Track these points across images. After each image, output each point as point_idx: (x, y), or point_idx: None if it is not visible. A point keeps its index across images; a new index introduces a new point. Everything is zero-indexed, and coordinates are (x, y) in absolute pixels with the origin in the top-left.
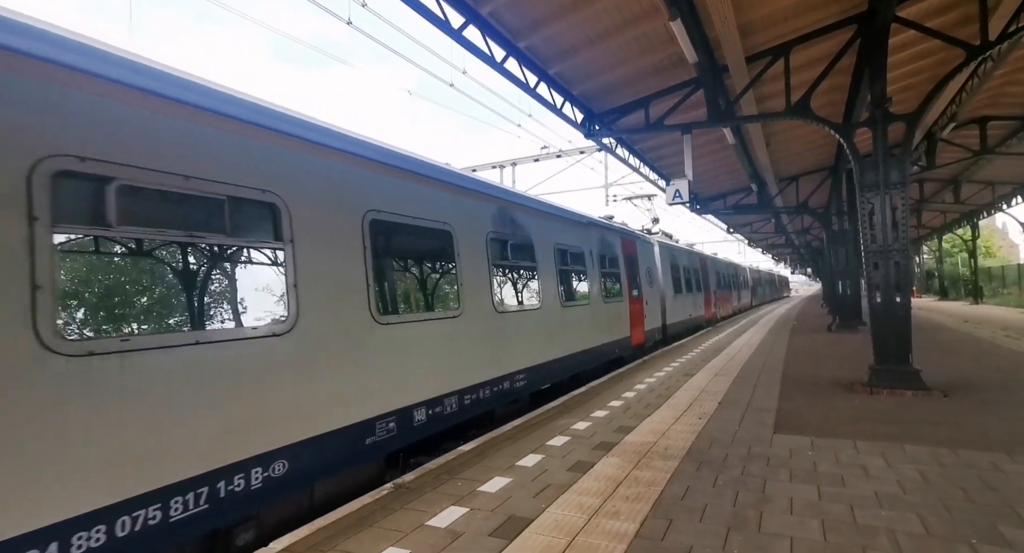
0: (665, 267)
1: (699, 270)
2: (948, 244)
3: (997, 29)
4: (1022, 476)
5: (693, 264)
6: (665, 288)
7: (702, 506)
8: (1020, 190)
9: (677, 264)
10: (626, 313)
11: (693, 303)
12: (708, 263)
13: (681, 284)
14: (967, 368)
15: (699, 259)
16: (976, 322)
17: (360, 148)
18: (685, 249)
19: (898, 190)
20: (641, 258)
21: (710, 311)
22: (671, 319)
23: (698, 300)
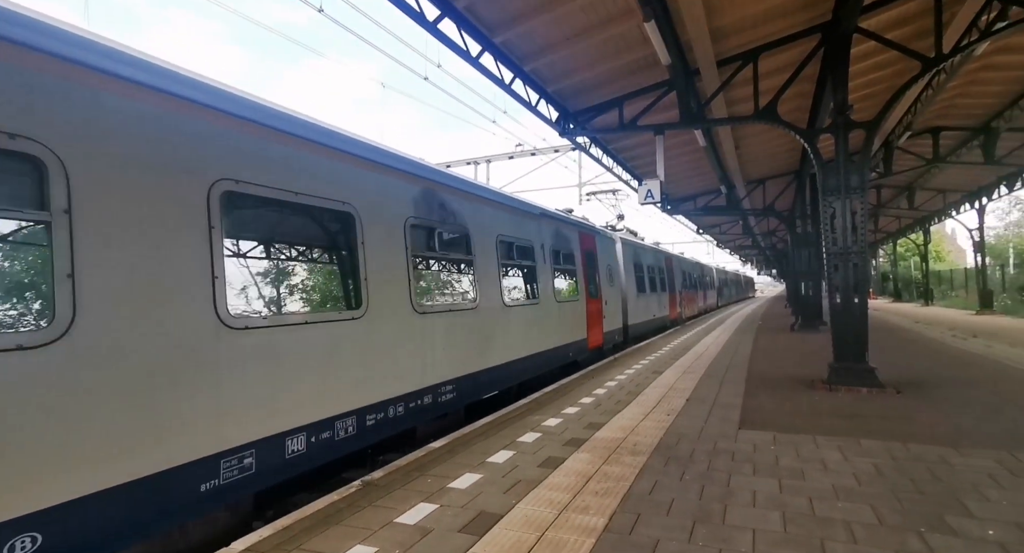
0: (628, 265)
1: (664, 269)
2: (902, 248)
3: (951, 43)
4: (967, 468)
5: (658, 263)
6: (627, 287)
7: (669, 500)
8: (968, 198)
9: (641, 262)
10: (583, 313)
11: (658, 303)
12: (674, 262)
13: (645, 283)
14: (918, 366)
15: (664, 258)
16: (927, 323)
17: (204, 93)
18: (650, 247)
19: (858, 195)
20: (601, 255)
21: (675, 311)
22: (633, 320)
23: (663, 300)
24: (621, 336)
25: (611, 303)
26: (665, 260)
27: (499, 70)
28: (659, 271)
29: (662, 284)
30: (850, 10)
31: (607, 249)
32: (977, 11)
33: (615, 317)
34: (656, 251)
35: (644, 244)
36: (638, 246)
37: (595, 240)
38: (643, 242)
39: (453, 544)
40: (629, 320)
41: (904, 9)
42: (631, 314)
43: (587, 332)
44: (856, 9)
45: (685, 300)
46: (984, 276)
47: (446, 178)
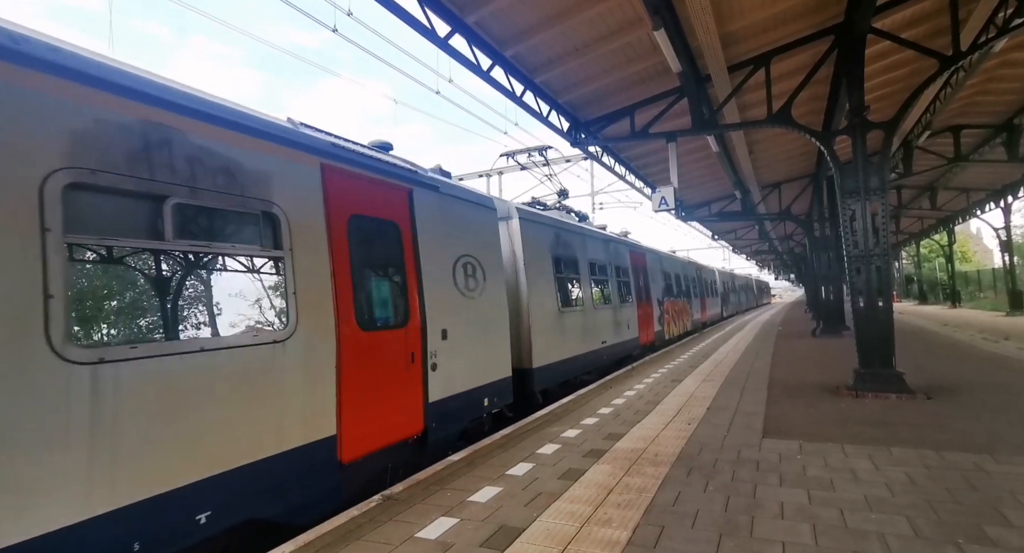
0: (536, 259)
1: (631, 269)
2: (926, 249)
3: (968, 40)
4: (1004, 476)
5: (616, 259)
6: (534, 296)
7: (694, 512)
8: (993, 196)
9: (575, 256)
10: (329, 370)
11: (612, 322)
12: (649, 261)
13: (580, 291)
14: (948, 371)
15: (630, 253)
16: (955, 326)
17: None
18: (598, 235)
19: (878, 196)
20: (450, 241)
21: (649, 331)
22: (548, 354)
23: (624, 316)
24: (499, 397)
25: (469, 334)
26: (632, 257)
27: (510, 83)
28: (617, 271)
29: (626, 292)
30: (863, 11)
31: (481, 232)
32: (994, 7)
33: (484, 362)
34: (613, 242)
35: (584, 229)
36: (565, 231)
37: (435, 205)
38: (587, 226)
39: None
40: (535, 357)
41: (919, 8)
42: (544, 344)
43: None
44: (869, 10)
45: (669, 313)
46: (1013, 276)
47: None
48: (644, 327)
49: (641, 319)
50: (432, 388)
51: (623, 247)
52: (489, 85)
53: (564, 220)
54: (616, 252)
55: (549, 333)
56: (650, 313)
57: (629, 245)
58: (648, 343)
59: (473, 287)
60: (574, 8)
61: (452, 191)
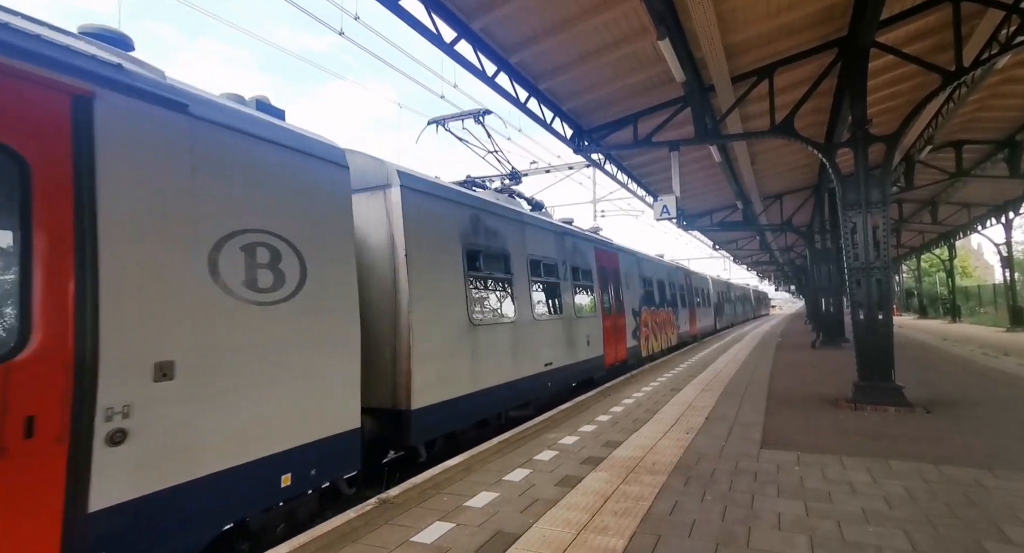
0: (432, 251)
1: (601, 273)
2: (926, 263)
3: (971, 56)
4: (1004, 492)
5: (576, 259)
6: (427, 305)
7: (690, 521)
8: (994, 212)
9: (504, 250)
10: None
11: (564, 339)
12: (626, 264)
13: (512, 297)
14: (948, 385)
15: (600, 254)
16: (955, 340)
17: None
18: (549, 226)
19: (879, 209)
20: (209, 202)
21: (620, 348)
22: (444, 389)
23: (586, 331)
24: (327, 465)
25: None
26: (600, 257)
27: (514, 89)
28: (576, 274)
29: (586, 298)
30: (867, 25)
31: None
32: (997, 24)
33: (248, 415)
34: (571, 237)
35: (524, 215)
36: (489, 215)
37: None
38: (532, 214)
39: None
40: (416, 393)
41: (922, 23)
42: (437, 373)
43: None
44: (873, 24)
45: (649, 326)
46: (1014, 292)
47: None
48: (612, 343)
49: (608, 333)
50: (104, 483)
51: (586, 244)
52: (494, 91)
53: (491, 200)
54: (575, 250)
55: (448, 356)
56: (622, 326)
57: (595, 242)
58: (618, 361)
59: (270, 285)
60: (580, 16)
61: (231, 120)
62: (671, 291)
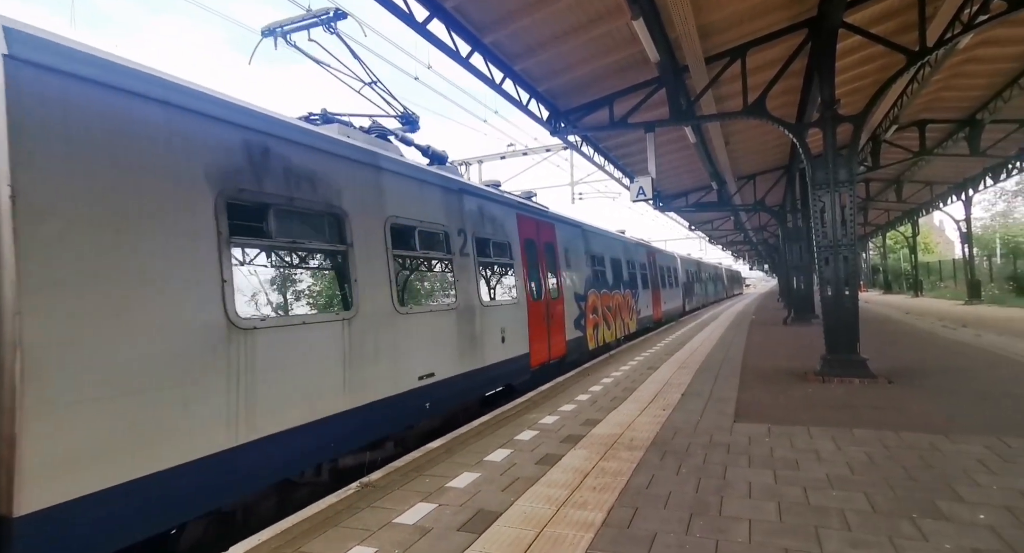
0: (128, 201)
1: (530, 247)
2: (891, 240)
3: (934, 36)
4: (958, 455)
5: (483, 228)
6: (95, 305)
7: (666, 493)
8: (955, 190)
9: (333, 208)
10: None
11: (457, 336)
12: (565, 237)
13: (347, 281)
14: (909, 356)
15: (525, 223)
16: (917, 314)
17: None
18: (432, 179)
19: (846, 188)
20: None
21: (556, 341)
22: (111, 469)
23: (501, 323)
24: None
25: None
26: (525, 227)
27: (489, 70)
28: (482, 248)
29: (500, 280)
30: (835, 5)
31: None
32: (959, 5)
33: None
34: (472, 196)
35: (380, 157)
36: (290, 145)
37: None
38: (405, 161)
39: (453, 542)
40: (24, 488)
41: (888, 4)
42: (120, 429)
43: None
44: (841, 4)
45: (599, 311)
46: (972, 267)
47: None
48: (543, 336)
49: (537, 324)
50: None
51: (503, 210)
52: (468, 72)
53: (292, 124)
54: (482, 216)
55: (153, 392)
56: (559, 314)
57: (518, 208)
58: (554, 358)
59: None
60: None
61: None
62: (630, 270)
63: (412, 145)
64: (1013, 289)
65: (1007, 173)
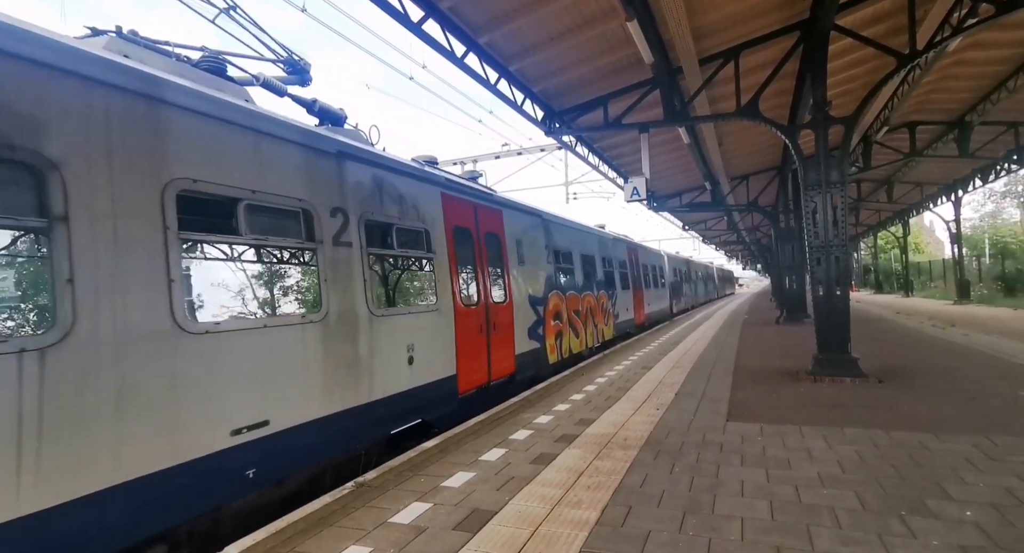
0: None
1: (460, 238)
2: (882, 241)
3: (924, 39)
4: (946, 453)
5: (362, 203)
6: None
7: (659, 492)
8: (944, 191)
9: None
10: None
11: (321, 370)
12: (516, 227)
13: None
14: (899, 356)
15: (452, 206)
16: (907, 313)
17: None
18: (251, 124)
19: (838, 189)
20: None
21: (503, 358)
22: None
23: (389, 343)
24: None
25: None
26: (454, 211)
27: (484, 70)
28: (356, 233)
29: (409, 283)
30: (827, 8)
31: None
32: (949, 8)
33: None
34: (335, 152)
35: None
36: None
37: None
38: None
39: (447, 542)
40: None
41: (879, 7)
42: None
43: None
44: (833, 7)
45: (564, 317)
46: (961, 267)
47: None
48: (477, 352)
49: (469, 336)
50: None
51: (422, 188)
52: (464, 72)
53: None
54: (379, 192)
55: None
56: (506, 321)
57: (442, 185)
58: (496, 379)
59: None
60: None
61: None
62: (606, 269)
63: (285, 95)
64: (1001, 289)
65: (996, 174)
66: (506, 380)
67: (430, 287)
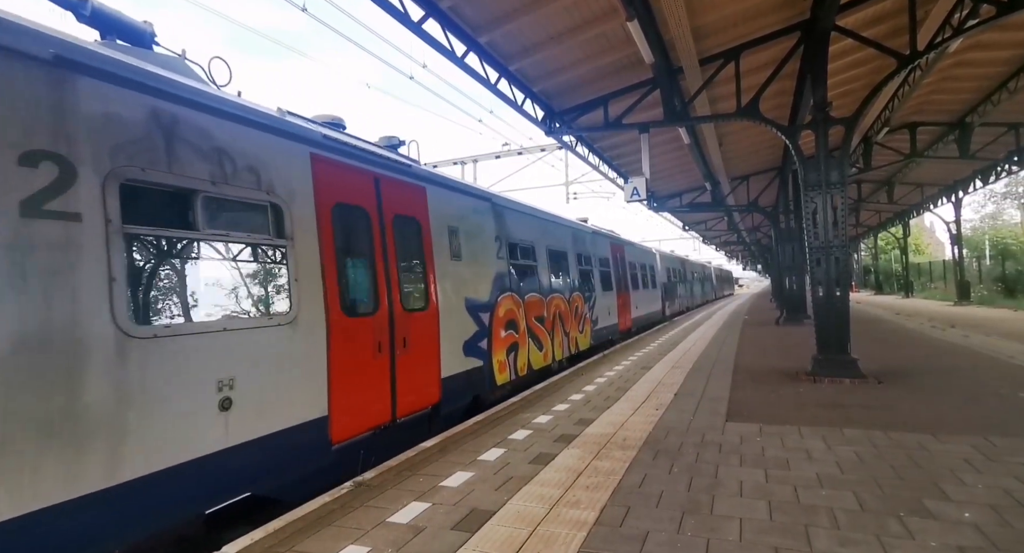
0: None
1: (337, 216)
2: (883, 241)
3: (925, 40)
4: (945, 454)
5: (102, 149)
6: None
7: (658, 492)
8: (945, 192)
9: None
10: None
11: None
12: (449, 208)
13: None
14: (899, 357)
15: (321, 169)
16: (907, 314)
17: None
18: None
19: (838, 190)
20: None
21: (419, 387)
22: None
23: (142, 393)
24: None
25: None
26: (321, 176)
27: (484, 70)
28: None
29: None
30: (827, 8)
31: None
32: (950, 9)
33: None
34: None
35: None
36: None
37: None
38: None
39: (446, 541)
40: None
41: (880, 7)
42: None
43: None
44: (833, 7)
45: (520, 326)
46: (961, 268)
47: None
48: (377, 379)
49: (359, 360)
50: None
51: (255, 138)
52: (464, 72)
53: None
54: (166, 138)
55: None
56: (427, 334)
57: (311, 143)
58: (408, 414)
59: None
60: None
61: None
62: (583, 267)
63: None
64: (1001, 290)
65: (996, 176)
66: (426, 413)
67: (279, 290)
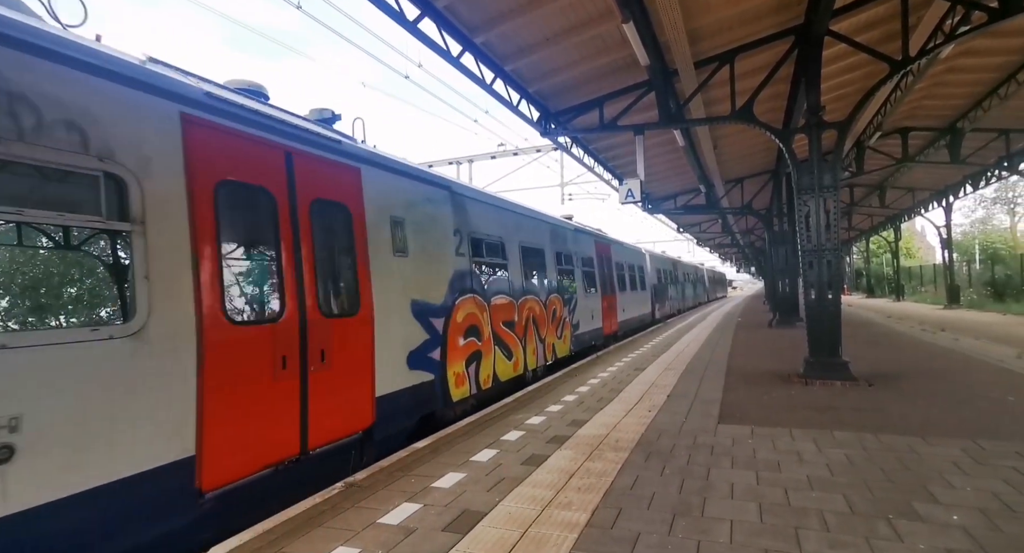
0: None
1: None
2: (875, 245)
3: (917, 46)
4: (934, 457)
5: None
6: None
7: (650, 494)
8: (936, 196)
9: None
10: None
11: None
12: (378, 188)
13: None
14: (889, 359)
15: (194, 130)
16: (898, 317)
17: None
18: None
19: (831, 193)
20: None
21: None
22: None
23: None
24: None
25: None
26: (196, 135)
27: (480, 70)
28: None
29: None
30: (821, 13)
31: None
32: (942, 15)
33: None
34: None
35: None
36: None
37: None
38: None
39: (437, 543)
40: None
41: (873, 13)
42: None
43: None
44: (827, 12)
45: (475, 333)
46: (952, 272)
47: None
48: (269, 408)
49: (242, 381)
50: None
51: (102, 90)
52: (459, 72)
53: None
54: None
55: None
56: (355, 346)
57: (186, 101)
58: (325, 443)
59: None
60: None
61: None
62: (562, 266)
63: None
64: (991, 294)
65: (986, 181)
66: (354, 439)
67: (115, 290)
